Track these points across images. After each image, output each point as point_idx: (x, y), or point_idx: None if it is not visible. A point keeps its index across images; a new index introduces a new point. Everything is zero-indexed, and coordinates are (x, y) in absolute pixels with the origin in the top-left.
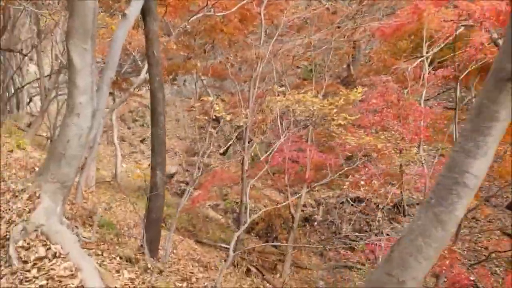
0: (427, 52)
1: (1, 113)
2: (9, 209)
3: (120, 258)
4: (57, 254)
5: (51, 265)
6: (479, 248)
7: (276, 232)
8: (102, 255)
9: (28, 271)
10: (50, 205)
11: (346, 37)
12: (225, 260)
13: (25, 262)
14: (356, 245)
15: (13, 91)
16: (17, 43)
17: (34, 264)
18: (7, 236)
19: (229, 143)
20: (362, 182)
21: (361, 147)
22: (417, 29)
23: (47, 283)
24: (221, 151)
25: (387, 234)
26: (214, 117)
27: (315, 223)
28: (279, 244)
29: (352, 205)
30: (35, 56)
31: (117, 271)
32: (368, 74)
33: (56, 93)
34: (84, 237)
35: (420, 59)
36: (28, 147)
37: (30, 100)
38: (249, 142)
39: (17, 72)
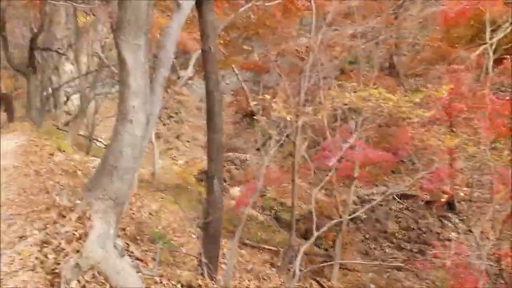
0: (490, 39)
1: (40, 113)
2: (57, 233)
3: (182, 286)
4: None
5: None
6: None
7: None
8: (161, 282)
9: None
10: (103, 230)
11: (391, 25)
12: (271, 264)
13: None
14: (404, 244)
15: (50, 90)
16: (53, 42)
17: None
18: (56, 270)
19: (266, 139)
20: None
21: (426, 145)
22: (476, 14)
23: None
24: (257, 146)
25: (437, 233)
26: (249, 112)
27: (359, 221)
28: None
29: (398, 202)
30: (71, 55)
31: None
32: (420, 64)
33: (94, 92)
34: (146, 274)
35: (483, 47)
36: (69, 149)
37: (67, 99)
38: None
39: (54, 71)
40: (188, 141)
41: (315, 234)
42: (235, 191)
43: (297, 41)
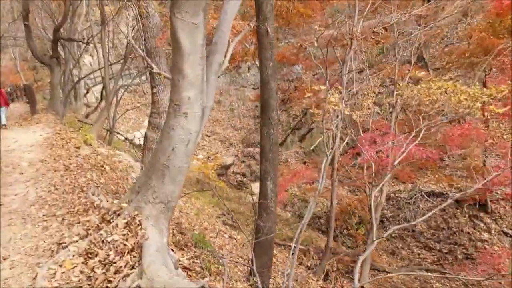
0: None
1: (63, 105)
2: (102, 241)
3: None
4: None
5: None
6: None
7: (341, 228)
8: None
9: None
10: (159, 240)
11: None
12: (300, 263)
13: None
14: (433, 244)
15: (73, 82)
16: (74, 33)
17: None
18: None
19: (287, 134)
20: None
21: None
22: None
23: None
24: (279, 141)
25: (468, 233)
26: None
27: (385, 219)
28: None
29: (427, 200)
30: (90, 48)
31: None
32: (453, 56)
33: (116, 84)
34: None
35: None
36: (95, 143)
37: (88, 91)
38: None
39: (72, 63)
40: (207, 135)
41: (375, 241)
42: (256, 186)
43: (329, 31)
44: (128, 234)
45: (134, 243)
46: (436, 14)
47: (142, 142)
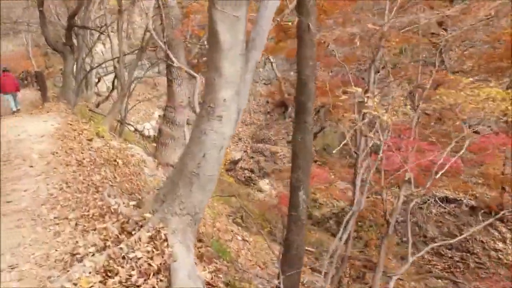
0: None
1: (75, 94)
2: (123, 258)
3: None
4: None
5: None
6: None
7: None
8: None
9: None
10: (187, 260)
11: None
12: (312, 269)
13: None
14: (445, 251)
15: (86, 70)
16: (87, 21)
17: None
18: None
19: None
20: None
21: None
22: None
23: None
24: (289, 138)
25: (482, 241)
26: (281, 103)
27: (396, 223)
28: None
29: (440, 205)
30: (102, 36)
31: None
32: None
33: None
34: None
35: None
36: (107, 135)
37: (99, 80)
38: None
39: (85, 52)
40: None
41: (411, 258)
42: (264, 183)
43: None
44: (153, 251)
45: (160, 264)
46: (466, 16)
47: (151, 133)
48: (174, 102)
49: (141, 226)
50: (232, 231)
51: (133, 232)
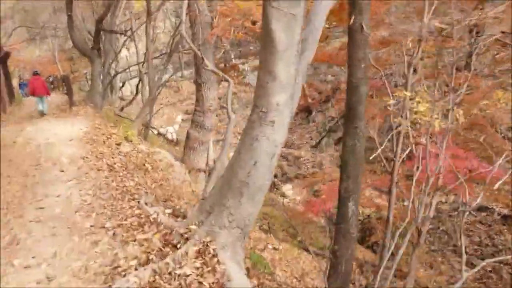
0: None
1: (102, 98)
2: (170, 273)
3: None
4: None
5: None
6: None
7: (376, 237)
8: None
9: None
10: (241, 280)
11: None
12: (353, 283)
13: None
14: (476, 261)
15: (112, 74)
16: (113, 26)
17: None
18: None
19: (322, 136)
20: None
21: None
22: None
23: None
24: (313, 143)
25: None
26: (305, 107)
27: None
28: None
29: (470, 213)
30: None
31: None
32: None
33: (160, 79)
34: None
35: None
36: (135, 139)
37: (123, 84)
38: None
39: (112, 56)
40: (239, 133)
41: (465, 274)
42: (287, 188)
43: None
44: (203, 268)
45: (213, 283)
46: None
47: (174, 137)
48: (203, 106)
49: (187, 239)
50: (264, 241)
51: (178, 246)
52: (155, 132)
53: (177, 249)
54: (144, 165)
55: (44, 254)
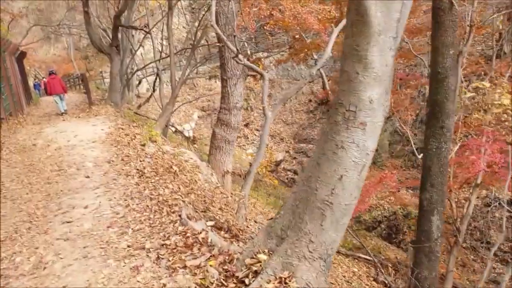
0: None
1: (121, 96)
2: None
3: None
4: None
5: None
6: None
7: (402, 234)
8: None
9: None
10: None
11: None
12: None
13: None
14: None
15: (130, 71)
16: (130, 23)
17: None
18: None
19: None
20: None
21: None
22: None
23: None
24: None
25: None
26: (325, 101)
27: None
28: None
29: (504, 208)
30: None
31: None
32: None
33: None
34: None
35: None
36: (159, 139)
37: (140, 82)
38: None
39: (129, 53)
40: (257, 130)
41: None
42: None
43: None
44: None
45: None
46: None
47: (191, 134)
48: (229, 103)
49: (256, 272)
50: None
51: (245, 280)
52: (173, 129)
53: (245, 285)
54: (171, 167)
55: (76, 282)
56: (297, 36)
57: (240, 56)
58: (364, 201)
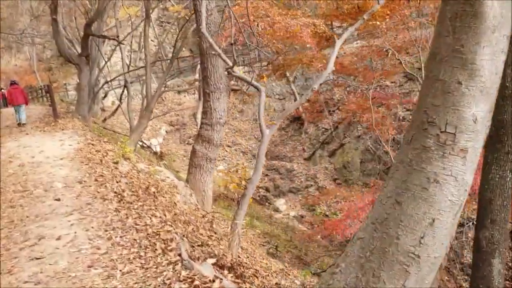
0: None
1: (89, 109)
2: None
3: None
4: None
5: None
6: None
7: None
8: None
9: None
10: None
11: None
12: None
13: None
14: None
15: (100, 83)
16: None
17: None
18: None
19: (315, 148)
20: None
21: None
22: None
23: None
24: (306, 155)
25: None
26: (297, 118)
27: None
28: None
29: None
30: (108, 49)
31: None
32: None
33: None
34: None
35: None
36: (133, 156)
37: (106, 95)
38: None
39: (98, 64)
40: (228, 146)
41: None
42: (280, 203)
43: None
44: None
45: None
46: None
47: (158, 149)
48: (212, 118)
49: None
50: (282, 270)
51: None
52: (140, 144)
53: None
54: (149, 188)
55: None
56: (283, 50)
57: (235, 69)
58: (351, 220)
